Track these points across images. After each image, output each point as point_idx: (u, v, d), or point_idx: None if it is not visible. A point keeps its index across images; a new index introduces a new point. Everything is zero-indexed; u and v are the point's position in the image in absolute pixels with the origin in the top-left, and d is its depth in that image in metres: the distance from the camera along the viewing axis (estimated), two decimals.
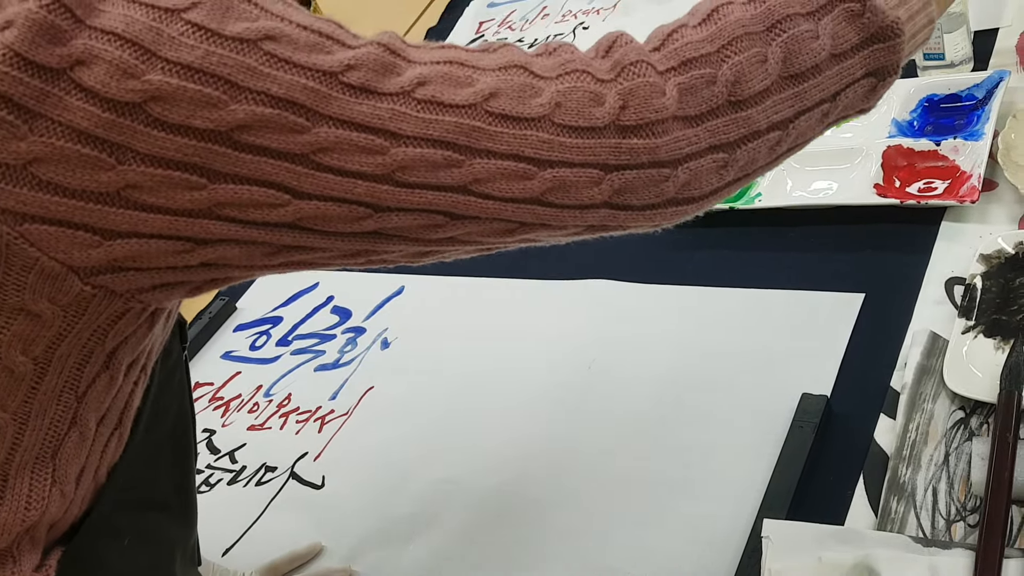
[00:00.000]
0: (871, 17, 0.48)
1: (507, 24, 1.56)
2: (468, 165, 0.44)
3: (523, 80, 0.45)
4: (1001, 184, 0.84)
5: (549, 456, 0.85)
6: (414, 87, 0.44)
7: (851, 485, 0.70)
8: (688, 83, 0.45)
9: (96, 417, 0.51)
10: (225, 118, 0.42)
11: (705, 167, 0.47)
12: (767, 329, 0.85)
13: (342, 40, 0.45)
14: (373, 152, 0.43)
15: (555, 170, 0.45)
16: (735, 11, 0.47)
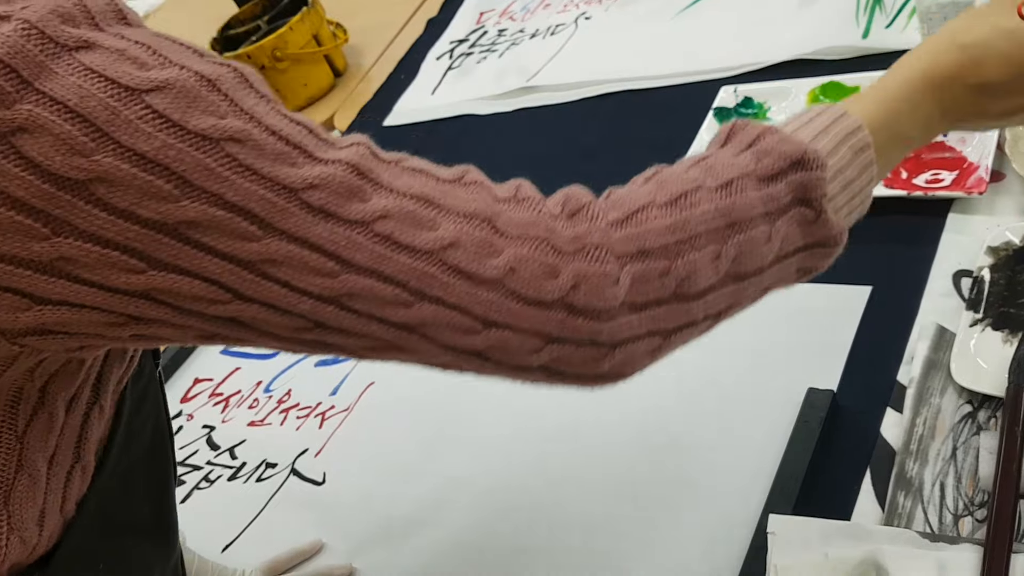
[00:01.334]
0: (820, 227, 0.49)
1: (508, 14, 1.55)
2: (416, 307, 0.44)
3: (484, 236, 0.44)
4: (1009, 175, 0.84)
5: (551, 452, 0.84)
6: (375, 219, 0.43)
7: (858, 480, 0.69)
8: (641, 273, 0.46)
9: (44, 457, 0.49)
10: (174, 212, 0.40)
11: (640, 349, 0.47)
12: (772, 323, 0.84)
13: (311, 152, 0.43)
14: (323, 274, 0.42)
15: (499, 331, 0.44)
16: (703, 201, 0.47)
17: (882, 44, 1.05)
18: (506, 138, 1.29)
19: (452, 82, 1.46)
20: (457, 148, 1.33)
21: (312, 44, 1.56)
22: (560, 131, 1.24)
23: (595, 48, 1.35)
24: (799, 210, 0.48)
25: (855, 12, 1.12)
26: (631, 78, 1.23)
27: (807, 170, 0.48)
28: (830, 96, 1.01)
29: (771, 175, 0.48)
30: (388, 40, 1.67)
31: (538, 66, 1.37)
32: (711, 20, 1.26)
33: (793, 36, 1.14)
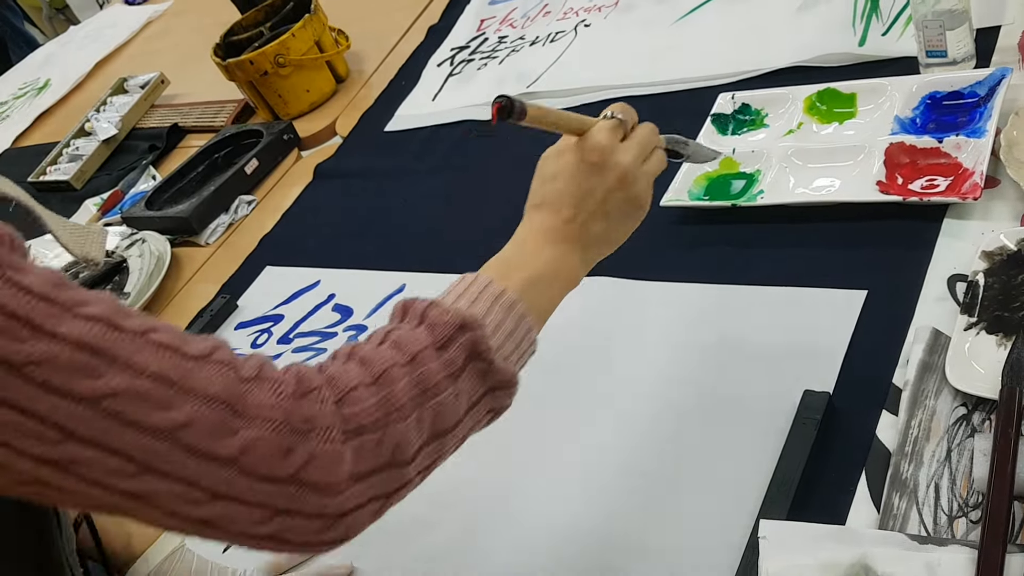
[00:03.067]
0: (494, 374, 0.57)
1: (508, 22, 1.56)
2: (141, 478, 0.45)
3: (220, 417, 0.46)
4: (1003, 181, 0.84)
5: (549, 454, 0.85)
6: (104, 397, 0.43)
7: (853, 481, 0.70)
8: (361, 446, 0.50)
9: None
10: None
11: (363, 515, 0.51)
12: (769, 326, 0.85)
13: (40, 324, 0.43)
14: (44, 441, 0.43)
15: (226, 503, 0.46)
16: (397, 377, 0.52)
17: (878, 51, 1.06)
18: (507, 144, 1.30)
19: (453, 88, 1.47)
20: (457, 154, 1.34)
21: (314, 50, 1.57)
22: (559, 137, 1.25)
23: (594, 55, 1.36)
24: (474, 364, 0.56)
25: (852, 20, 1.13)
26: (630, 84, 1.24)
27: (471, 330, 0.56)
28: (827, 102, 1.02)
29: (444, 342, 0.55)
30: (389, 47, 1.68)
31: (538, 72, 1.38)
32: (709, 27, 1.28)
33: (790, 43, 1.15)
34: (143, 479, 0.45)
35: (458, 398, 0.55)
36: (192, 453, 0.45)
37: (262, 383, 0.48)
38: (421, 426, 0.53)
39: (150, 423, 0.44)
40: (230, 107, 1.72)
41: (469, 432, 0.59)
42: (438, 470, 0.87)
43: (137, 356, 0.45)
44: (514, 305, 0.60)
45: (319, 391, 0.50)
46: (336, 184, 1.42)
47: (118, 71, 2.11)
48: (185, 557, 0.83)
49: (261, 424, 0.47)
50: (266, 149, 1.51)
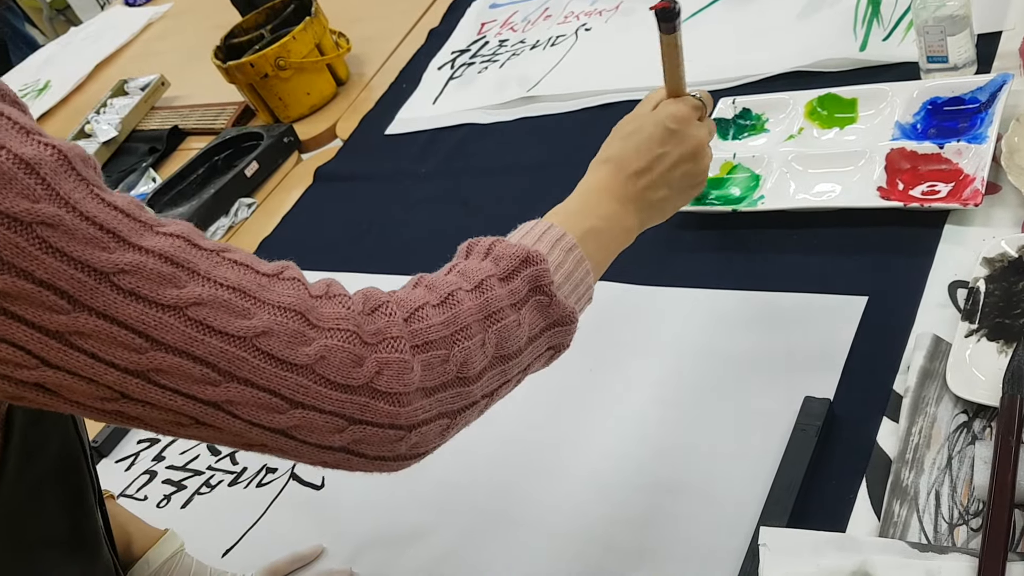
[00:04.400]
0: (555, 308, 0.59)
1: (509, 25, 1.56)
2: (224, 387, 0.46)
3: (296, 326, 0.48)
4: (1004, 187, 0.84)
5: (549, 459, 0.84)
6: (188, 305, 0.45)
7: (854, 489, 0.70)
8: (428, 361, 0.52)
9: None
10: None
11: (432, 430, 0.53)
12: (770, 332, 0.85)
13: (126, 237, 0.45)
14: (131, 349, 0.44)
15: (305, 411, 0.48)
16: (464, 300, 0.55)
17: (879, 56, 1.06)
18: (507, 147, 1.30)
19: (453, 92, 1.47)
20: (458, 157, 1.34)
21: (315, 53, 1.57)
22: (560, 141, 1.25)
23: (595, 59, 1.36)
24: (536, 298, 0.58)
25: (853, 25, 1.13)
26: (631, 88, 1.24)
27: (534, 265, 0.58)
28: (828, 107, 1.02)
29: (508, 273, 0.57)
30: (390, 50, 1.68)
31: (539, 76, 1.38)
32: (710, 32, 1.27)
33: (791, 48, 1.15)
34: (226, 387, 0.46)
35: (520, 327, 0.57)
36: (271, 360, 0.47)
37: (331, 299, 0.50)
38: (485, 348, 0.55)
39: (232, 330, 0.46)
40: (230, 109, 1.72)
41: (531, 365, 0.60)
42: (437, 475, 0.88)
43: (216, 270, 0.47)
44: (574, 248, 0.62)
45: (387, 306, 0.52)
46: (336, 187, 1.42)
47: (118, 73, 2.11)
48: (184, 561, 0.83)
49: (334, 334, 0.49)
50: (266, 152, 1.51)
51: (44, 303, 0.43)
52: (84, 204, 0.44)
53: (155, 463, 1.07)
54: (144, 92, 1.84)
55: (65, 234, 0.43)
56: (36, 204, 0.42)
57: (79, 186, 0.44)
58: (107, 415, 0.47)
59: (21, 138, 0.43)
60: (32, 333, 0.43)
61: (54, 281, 0.43)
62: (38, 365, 0.44)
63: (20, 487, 0.56)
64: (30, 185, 0.43)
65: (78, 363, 0.44)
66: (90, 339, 0.44)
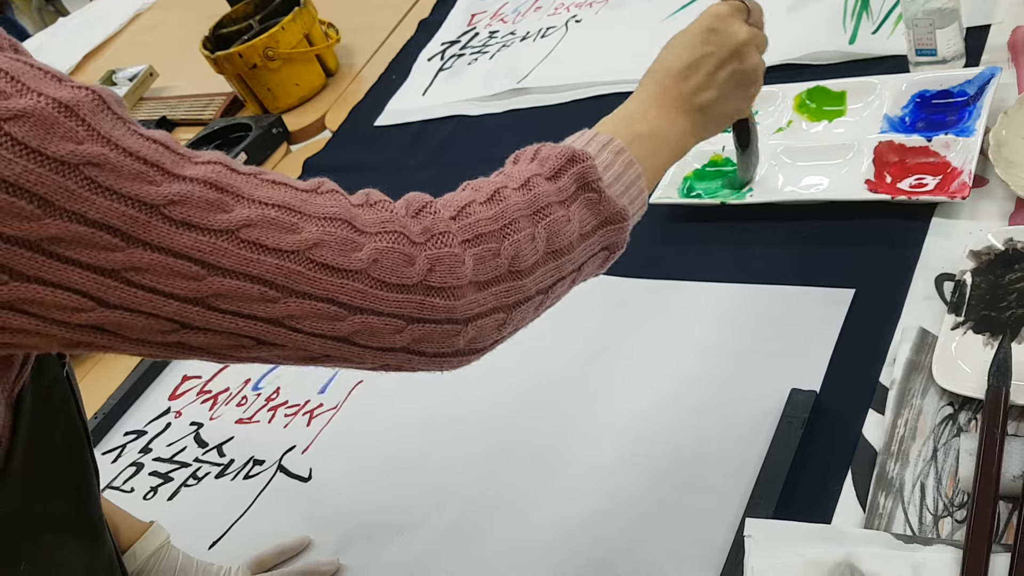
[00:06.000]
0: (605, 205, 0.58)
1: (499, 16, 1.56)
2: (283, 302, 0.47)
3: (345, 234, 0.49)
4: (992, 181, 0.84)
5: (538, 451, 0.84)
6: (239, 227, 0.46)
7: (839, 481, 0.70)
8: (480, 254, 0.52)
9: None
10: (37, 231, 0.42)
11: (489, 324, 0.54)
12: (756, 324, 0.85)
13: (169, 169, 0.45)
14: (188, 278, 0.45)
15: (364, 316, 0.49)
16: (511, 196, 0.55)
17: (869, 49, 1.06)
18: (496, 139, 1.30)
19: (443, 83, 1.47)
20: (447, 149, 1.34)
21: (304, 44, 1.56)
22: (550, 133, 1.23)
23: (585, 51, 1.36)
24: (585, 196, 0.58)
25: (842, 18, 1.13)
26: (620, 80, 1.24)
27: (580, 162, 0.57)
28: (817, 100, 1.02)
29: (555, 172, 0.57)
30: (380, 41, 1.67)
31: (528, 68, 1.37)
32: None
33: (781, 41, 1.14)
34: (286, 303, 0.47)
35: (570, 223, 0.56)
36: (326, 270, 0.47)
37: (373, 206, 0.51)
38: (535, 243, 0.55)
39: (284, 246, 0.46)
40: (219, 100, 1.71)
41: (584, 265, 0.59)
42: (424, 467, 0.88)
43: (258, 191, 0.47)
44: (623, 152, 0.61)
45: (431, 206, 0.52)
46: (325, 178, 1.41)
47: (107, 64, 2.10)
48: (171, 554, 0.83)
49: (382, 237, 0.49)
50: (255, 143, 1.50)
51: (98, 243, 0.43)
52: (125, 141, 0.44)
53: (142, 455, 1.06)
54: (132, 83, 1.83)
55: (112, 172, 0.43)
56: (80, 145, 0.42)
57: (117, 123, 0.44)
58: (168, 348, 0.48)
59: (55, 83, 0.43)
60: (88, 275, 0.43)
61: (107, 220, 0.43)
62: (95, 307, 0.44)
63: (28, 472, 0.56)
64: (72, 127, 0.42)
65: (137, 298, 0.44)
66: (147, 273, 0.44)
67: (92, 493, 0.65)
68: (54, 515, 0.60)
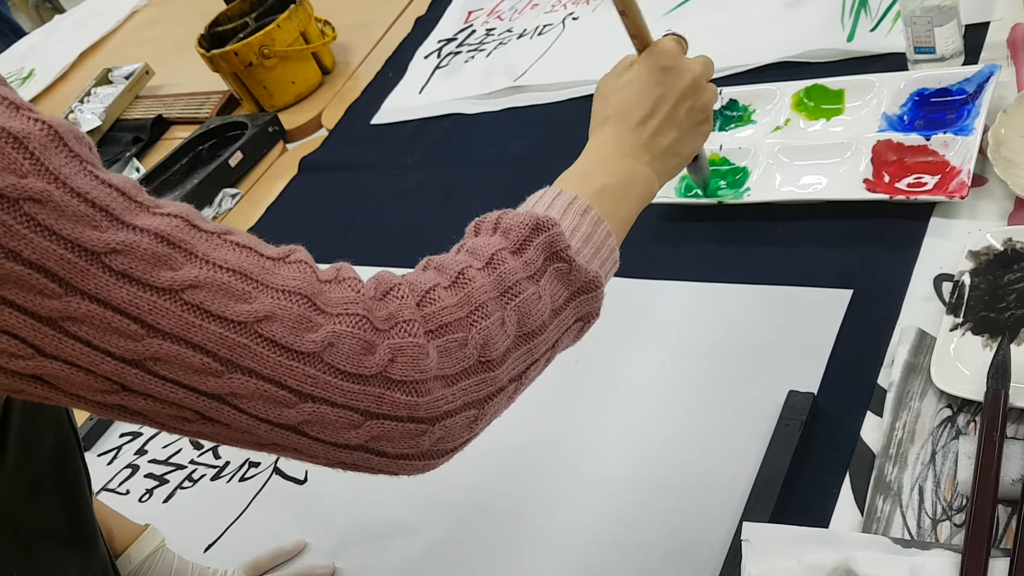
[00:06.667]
0: (576, 275, 0.55)
1: (496, 14, 1.55)
2: (227, 377, 0.44)
3: (302, 311, 0.45)
4: (991, 180, 0.84)
5: (533, 453, 0.84)
6: (184, 288, 0.43)
7: (837, 484, 0.69)
8: (444, 346, 0.48)
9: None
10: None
11: (459, 423, 0.49)
12: (754, 325, 0.84)
13: (119, 216, 0.42)
14: (126, 336, 0.42)
15: (315, 405, 0.45)
16: (476, 277, 0.51)
17: (867, 47, 1.05)
18: (493, 138, 1.29)
19: (440, 81, 1.46)
20: (444, 147, 1.33)
21: (300, 42, 1.55)
22: (547, 131, 1.24)
23: (582, 48, 1.35)
24: (554, 267, 0.54)
25: (840, 15, 1.12)
26: None
27: (546, 231, 0.54)
28: (815, 98, 1.01)
29: (521, 244, 0.53)
30: (376, 38, 1.67)
31: (525, 66, 1.37)
32: (697, 22, 1.27)
33: (778, 39, 1.14)
34: (228, 378, 0.44)
35: (541, 299, 0.53)
36: (275, 348, 0.44)
37: (341, 283, 0.47)
38: (506, 327, 0.51)
39: (231, 315, 0.43)
40: (215, 98, 1.70)
41: (558, 341, 0.56)
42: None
43: (215, 252, 0.44)
44: (588, 210, 0.58)
45: (398, 289, 0.48)
46: (321, 177, 1.41)
47: (103, 61, 2.09)
48: (166, 557, 0.83)
49: (342, 319, 0.46)
50: (251, 141, 1.49)
51: (35, 286, 0.40)
52: (75, 180, 0.42)
53: (137, 457, 1.06)
54: (128, 81, 1.82)
55: (54, 211, 0.40)
56: (23, 179, 0.40)
57: (70, 162, 0.42)
58: (109, 409, 0.45)
59: (10, 113, 0.41)
60: (24, 319, 0.41)
61: (43, 262, 0.40)
62: (33, 355, 0.42)
63: (19, 479, 0.55)
64: (17, 159, 0.40)
65: (73, 351, 0.42)
66: (84, 325, 0.42)
67: (84, 500, 0.65)
68: (46, 522, 0.60)
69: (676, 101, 0.66)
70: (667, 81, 0.66)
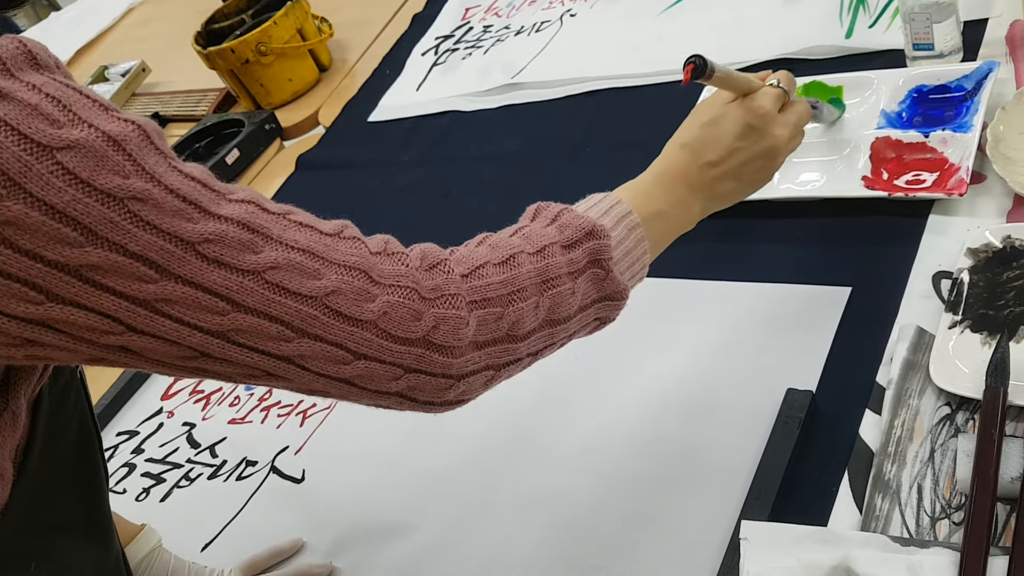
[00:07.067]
0: (609, 283, 0.61)
1: (493, 11, 1.55)
2: (297, 342, 0.50)
3: (361, 285, 0.51)
4: (990, 177, 0.84)
5: (532, 451, 0.84)
6: (266, 269, 0.48)
7: (836, 482, 0.69)
8: (483, 317, 0.55)
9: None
10: (78, 257, 0.44)
11: (478, 380, 0.56)
12: (752, 323, 0.84)
13: (206, 207, 0.47)
14: (214, 312, 0.47)
15: (368, 363, 0.52)
16: (525, 263, 0.57)
17: (865, 44, 1.05)
18: (490, 135, 1.29)
19: (437, 78, 1.46)
20: (442, 144, 1.33)
21: (297, 39, 1.55)
22: (545, 128, 1.24)
23: (580, 45, 1.34)
24: (593, 271, 0.60)
25: (839, 12, 1.12)
26: (616, 76, 1.23)
27: (597, 239, 0.60)
28: (813, 94, 1.00)
29: (571, 243, 0.59)
30: (373, 35, 1.66)
31: (523, 63, 1.36)
32: (695, 18, 1.26)
33: (777, 35, 1.13)
34: (298, 343, 0.49)
35: (574, 295, 0.59)
36: (340, 317, 0.50)
37: (390, 256, 0.53)
38: (537, 311, 0.57)
39: (304, 291, 0.49)
40: (212, 96, 1.70)
41: (576, 332, 0.62)
42: (418, 468, 0.87)
43: (286, 233, 0.50)
44: (637, 228, 0.64)
45: (445, 263, 0.54)
46: (318, 175, 1.41)
47: (99, 59, 2.08)
48: (163, 556, 0.82)
49: (395, 291, 0.52)
50: (248, 139, 1.49)
51: (135, 274, 0.45)
52: (167, 177, 0.46)
53: (134, 456, 1.05)
54: (125, 78, 1.82)
55: (155, 208, 0.45)
56: (127, 180, 0.44)
57: (160, 160, 0.46)
58: (187, 371, 0.50)
59: (104, 115, 0.45)
60: (120, 302, 0.45)
61: (145, 252, 0.45)
62: (124, 331, 0.46)
63: (43, 471, 0.57)
64: (120, 161, 0.44)
65: (164, 327, 0.46)
66: (176, 305, 0.46)
67: (102, 494, 0.66)
68: (65, 516, 0.61)
69: (748, 159, 0.70)
70: (749, 137, 0.70)
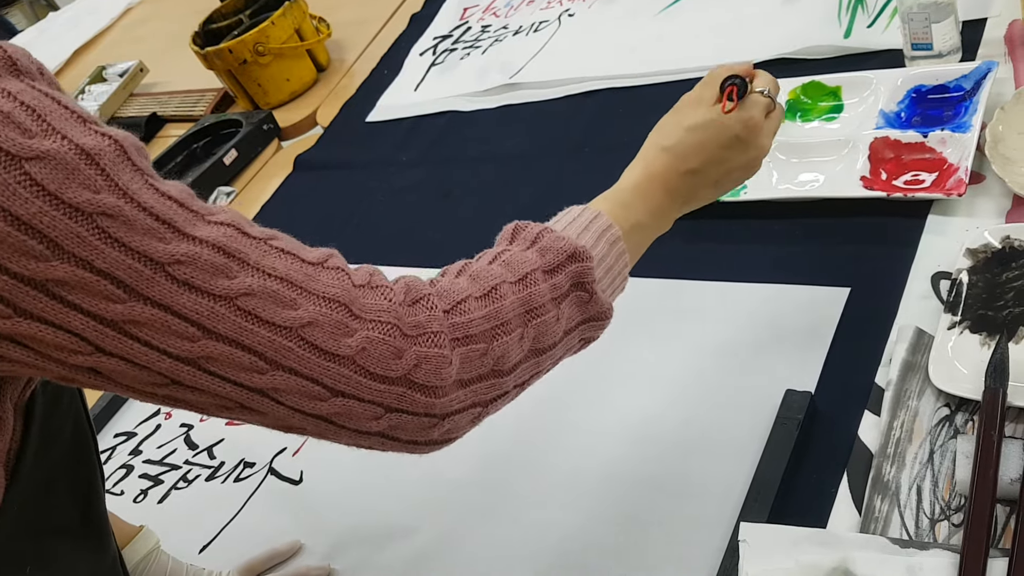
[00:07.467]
0: (593, 305, 0.59)
1: (491, 10, 1.55)
2: (271, 374, 0.48)
3: (340, 318, 0.49)
4: (988, 177, 0.83)
5: (530, 453, 0.84)
6: (239, 295, 0.46)
7: (835, 483, 0.69)
8: (467, 354, 0.53)
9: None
10: (44, 271, 0.42)
11: (464, 418, 0.54)
12: (751, 324, 0.84)
13: (180, 228, 0.45)
14: (184, 338, 0.46)
15: (345, 400, 0.49)
16: (507, 294, 0.55)
17: (864, 43, 1.05)
18: (489, 135, 1.29)
19: (435, 78, 1.45)
20: (440, 145, 1.33)
21: (294, 39, 1.55)
22: (543, 128, 1.24)
23: (578, 45, 1.34)
24: (577, 294, 0.58)
25: (837, 11, 1.12)
26: (614, 76, 1.23)
27: (579, 262, 0.58)
28: (811, 95, 1.01)
29: (553, 268, 0.57)
30: (371, 35, 1.66)
31: (521, 63, 1.36)
32: (693, 18, 1.26)
33: (775, 35, 1.13)
34: (272, 375, 0.47)
35: (558, 321, 0.57)
36: (315, 350, 0.48)
37: (374, 289, 0.51)
38: (523, 342, 0.56)
39: (279, 321, 0.47)
40: (209, 96, 1.70)
41: (561, 357, 0.61)
42: (416, 470, 0.87)
43: (264, 259, 0.48)
44: (618, 242, 0.62)
45: (428, 299, 0.52)
46: (316, 175, 1.41)
47: (97, 59, 2.08)
48: (160, 558, 0.82)
49: (375, 326, 0.50)
50: (245, 139, 1.49)
51: (102, 292, 0.43)
52: (141, 194, 0.45)
53: (132, 457, 1.05)
54: (123, 79, 1.81)
55: (124, 224, 0.44)
56: (97, 195, 0.43)
57: (136, 176, 0.45)
58: (157, 398, 0.49)
59: (80, 127, 0.44)
60: (89, 321, 0.44)
61: (112, 271, 0.43)
62: (93, 352, 0.45)
63: (37, 475, 0.56)
64: (91, 176, 0.43)
65: (132, 351, 0.45)
66: (145, 328, 0.45)
67: (98, 496, 0.65)
68: (61, 518, 0.61)
69: (730, 169, 0.69)
70: (735, 148, 0.68)
